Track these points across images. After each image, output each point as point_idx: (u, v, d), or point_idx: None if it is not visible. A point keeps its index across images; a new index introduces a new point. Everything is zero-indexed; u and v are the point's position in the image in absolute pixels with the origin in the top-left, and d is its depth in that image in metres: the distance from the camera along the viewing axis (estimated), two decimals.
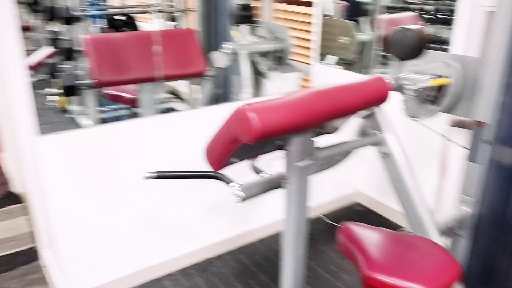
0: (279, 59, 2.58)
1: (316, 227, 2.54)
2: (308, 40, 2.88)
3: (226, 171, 1.46)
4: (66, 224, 1.77)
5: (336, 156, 1.63)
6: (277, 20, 3.24)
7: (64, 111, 4.38)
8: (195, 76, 2.59)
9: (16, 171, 2.76)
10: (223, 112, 1.20)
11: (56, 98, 4.49)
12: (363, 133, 1.64)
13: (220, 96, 3.04)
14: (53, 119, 4.25)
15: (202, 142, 1.32)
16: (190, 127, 1.96)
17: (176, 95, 4.70)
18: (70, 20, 3.41)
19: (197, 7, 3.11)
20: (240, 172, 1.59)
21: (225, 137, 1.20)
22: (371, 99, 1.45)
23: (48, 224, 1.87)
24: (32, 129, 1.66)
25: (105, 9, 4.01)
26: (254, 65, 2.73)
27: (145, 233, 2.00)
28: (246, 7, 2.46)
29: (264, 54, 2.61)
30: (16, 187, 2.85)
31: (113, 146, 1.79)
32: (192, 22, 3.62)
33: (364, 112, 1.58)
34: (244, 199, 1.38)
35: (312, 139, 1.36)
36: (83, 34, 3.41)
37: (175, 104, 4.40)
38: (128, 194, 1.88)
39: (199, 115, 2.02)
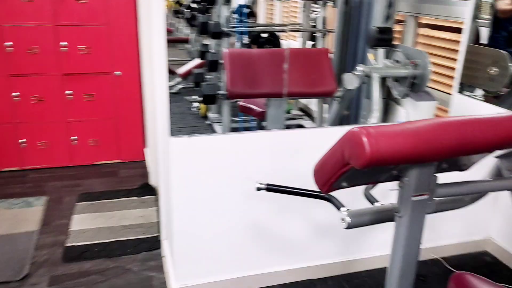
0: (415, 85, 2.44)
1: (432, 270, 2.32)
2: (452, 68, 2.67)
3: (339, 194, 1.42)
4: (182, 220, 1.91)
5: (463, 196, 1.48)
6: (419, 45, 3.08)
7: (205, 117, 4.78)
8: (324, 96, 2.60)
9: (153, 166, 3.08)
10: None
11: (199, 105, 4.92)
12: (499, 174, 1.45)
13: (348, 117, 2.99)
14: (193, 123, 4.66)
15: None
16: (310, 145, 1.96)
17: (306, 112, 4.77)
18: (218, 35, 3.73)
19: (336, 28, 3.12)
20: (357, 196, 1.54)
21: (334, 159, 1.17)
22: None
23: (168, 217, 2.04)
24: (166, 130, 1.84)
25: (251, 26, 4.28)
26: (387, 89, 2.64)
27: (251, 242, 2.05)
28: (385, 30, 2.39)
29: (398, 79, 2.50)
30: (152, 180, 3.18)
31: (233, 154, 1.88)
32: (331, 42, 3.65)
33: (502, 151, 1.41)
34: (350, 226, 1.33)
35: (434, 174, 1.26)
36: (227, 48, 3.68)
37: (304, 121, 4.46)
38: (241, 202, 1.95)
39: (321, 134, 2.01)
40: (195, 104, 5.04)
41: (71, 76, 3.26)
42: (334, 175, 1.20)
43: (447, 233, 2.40)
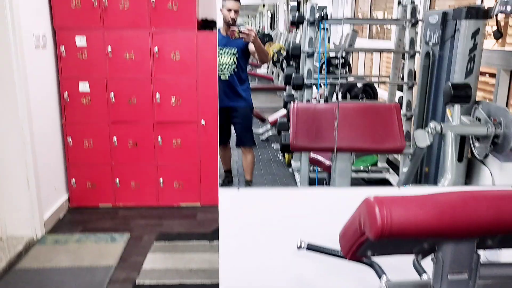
0: (497, 145, 2.22)
1: None
2: None
3: (390, 259, 1.34)
4: (229, 269, 1.94)
5: None
6: None
7: (289, 165, 4.82)
8: (391, 152, 2.48)
9: None
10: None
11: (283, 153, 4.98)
12: None
13: (426, 176, 2.81)
14: (275, 171, 4.73)
15: None
16: None
17: (395, 165, 4.55)
18: (300, 86, 3.82)
19: (418, 81, 3.01)
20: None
21: (354, 227, 1.13)
22: None
23: (221, 266, 2.08)
24: (217, 180, 1.92)
25: (338, 78, 4.30)
26: (470, 148, 2.44)
27: None
28: (462, 87, 2.24)
29: (478, 138, 2.30)
30: None
31: (281, 209, 1.88)
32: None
33: None
34: None
35: (475, 250, 1.13)
36: (309, 99, 3.74)
37: (390, 175, 4.26)
38: (287, 259, 1.92)
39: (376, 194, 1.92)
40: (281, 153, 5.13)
41: (162, 124, 3.57)
42: (354, 243, 1.15)
43: None
